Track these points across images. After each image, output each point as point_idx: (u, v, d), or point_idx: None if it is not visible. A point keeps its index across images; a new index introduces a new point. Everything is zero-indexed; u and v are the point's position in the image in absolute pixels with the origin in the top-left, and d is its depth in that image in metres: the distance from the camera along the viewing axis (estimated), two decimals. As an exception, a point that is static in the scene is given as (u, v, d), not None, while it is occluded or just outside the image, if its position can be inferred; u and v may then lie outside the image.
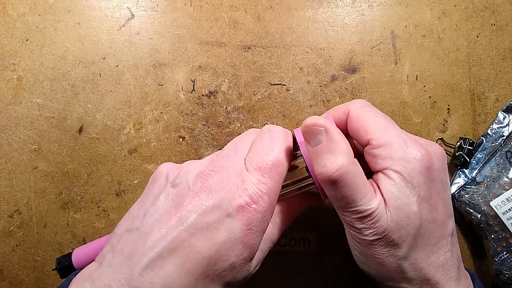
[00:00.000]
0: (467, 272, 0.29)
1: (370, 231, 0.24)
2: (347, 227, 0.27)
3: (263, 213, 0.24)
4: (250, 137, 0.28)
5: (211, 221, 0.23)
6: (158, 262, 0.22)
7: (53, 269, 0.32)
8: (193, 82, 0.40)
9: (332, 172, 0.23)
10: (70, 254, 0.31)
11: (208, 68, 0.40)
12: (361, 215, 0.24)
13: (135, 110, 0.40)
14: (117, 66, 0.40)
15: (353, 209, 0.24)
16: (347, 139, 0.25)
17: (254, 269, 0.26)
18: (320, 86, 0.40)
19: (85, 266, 0.26)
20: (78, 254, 0.30)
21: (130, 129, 0.40)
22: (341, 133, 0.25)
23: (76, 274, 0.25)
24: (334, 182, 0.24)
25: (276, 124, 0.40)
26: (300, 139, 0.27)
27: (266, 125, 0.29)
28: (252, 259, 0.25)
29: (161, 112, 0.40)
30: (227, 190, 0.24)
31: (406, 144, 0.25)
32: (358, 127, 0.26)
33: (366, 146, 0.26)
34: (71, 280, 0.24)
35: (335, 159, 0.23)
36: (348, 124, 0.27)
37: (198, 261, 0.22)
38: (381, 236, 0.24)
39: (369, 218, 0.24)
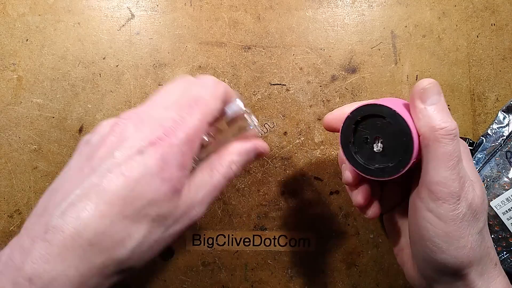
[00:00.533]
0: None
1: (464, 202, 0.25)
2: (432, 210, 0.26)
3: (179, 147, 0.23)
4: (177, 87, 0.27)
5: (124, 161, 0.23)
6: (70, 211, 0.22)
7: None
8: None
9: (455, 126, 0.25)
10: None
11: (208, 68, 0.40)
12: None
13: None
14: (117, 66, 0.40)
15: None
16: None
17: (194, 210, 0.25)
18: (320, 86, 0.40)
19: None
20: None
21: None
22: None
23: None
24: (455, 137, 0.25)
25: (276, 125, 0.40)
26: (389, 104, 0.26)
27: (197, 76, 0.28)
28: (177, 194, 0.24)
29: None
30: (141, 130, 0.24)
31: None
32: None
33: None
34: None
35: (451, 117, 0.26)
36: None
37: (112, 202, 0.22)
38: (470, 206, 0.26)
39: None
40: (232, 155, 0.28)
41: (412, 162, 0.26)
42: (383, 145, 0.27)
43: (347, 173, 0.30)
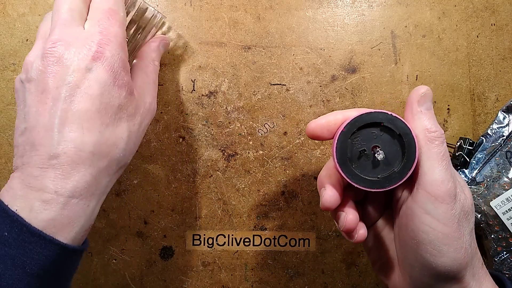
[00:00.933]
0: None
1: (458, 202, 0.26)
2: (430, 212, 0.26)
3: (118, 54, 0.27)
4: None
5: (79, 82, 0.26)
6: (62, 137, 0.26)
7: None
8: (193, 82, 0.40)
9: (443, 132, 0.27)
10: None
11: (208, 68, 0.40)
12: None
13: None
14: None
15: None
16: None
17: (151, 104, 0.32)
18: (320, 86, 0.40)
19: None
20: None
21: None
22: None
23: None
24: (444, 141, 0.27)
25: (276, 125, 0.40)
26: None
27: None
28: (132, 94, 0.29)
29: (161, 112, 0.40)
30: (77, 51, 0.27)
31: None
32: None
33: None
34: None
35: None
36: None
37: (91, 118, 0.26)
38: (462, 207, 0.27)
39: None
40: (151, 53, 0.34)
41: (417, 161, 0.26)
42: (384, 152, 0.27)
43: (330, 194, 0.28)
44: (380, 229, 0.33)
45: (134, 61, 0.35)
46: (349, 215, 0.29)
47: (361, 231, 0.29)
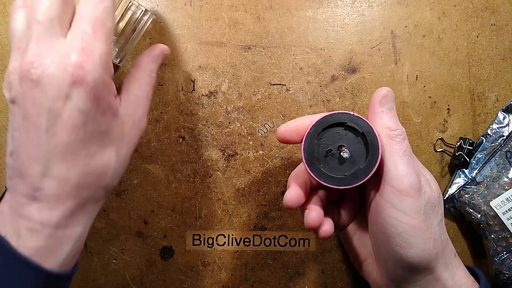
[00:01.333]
0: None
1: (423, 195, 0.28)
2: (396, 206, 0.28)
3: (100, 75, 0.24)
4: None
5: (60, 110, 0.24)
6: (47, 172, 0.25)
7: None
8: (193, 82, 0.40)
9: (404, 130, 0.29)
10: None
11: (208, 68, 0.40)
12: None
13: None
14: (117, 66, 0.40)
15: None
16: None
17: (141, 122, 0.30)
18: (320, 86, 0.40)
19: None
20: None
21: None
22: None
23: None
24: (404, 138, 0.28)
25: (276, 125, 0.40)
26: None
27: None
28: (117, 115, 0.27)
29: (161, 112, 0.40)
30: (55, 73, 0.23)
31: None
32: None
33: None
34: None
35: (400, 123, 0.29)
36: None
37: (75, 150, 0.25)
38: (428, 199, 0.28)
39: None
40: (149, 64, 0.32)
41: (381, 158, 0.28)
42: (349, 151, 0.28)
43: (292, 193, 0.30)
44: (357, 227, 0.34)
45: (130, 68, 0.33)
46: (312, 213, 0.30)
47: (326, 227, 0.30)
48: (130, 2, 0.36)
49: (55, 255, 0.26)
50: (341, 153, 0.28)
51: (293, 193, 0.30)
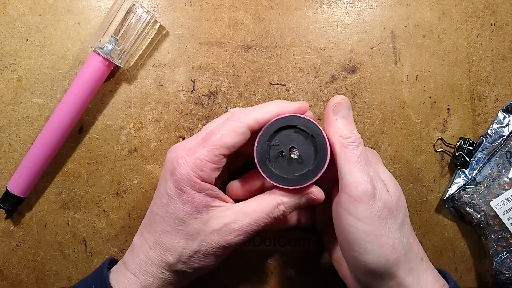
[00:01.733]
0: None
1: (379, 201, 0.28)
2: (352, 213, 0.28)
3: (188, 173, 0.29)
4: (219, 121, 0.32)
5: (160, 190, 0.31)
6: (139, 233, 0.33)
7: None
8: (193, 82, 0.40)
9: (359, 137, 0.29)
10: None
11: (208, 68, 0.40)
12: None
13: (135, 110, 0.40)
14: (117, 66, 0.40)
15: None
16: None
17: (230, 234, 0.30)
18: (320, 86, 0.40)
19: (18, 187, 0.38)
20: (11, 183, 0.38)
21: (130, 129, 0.40)
22: None
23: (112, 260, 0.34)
24: (359, 145, 0.29)
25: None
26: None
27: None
28: (200, 212, 0.30)
29: (161, 112, 0.40)
30: (168, 164, 0.31)
31: None
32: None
33: None
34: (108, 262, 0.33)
35: (356, 130, 0.30)
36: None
37: (156, 221, 0.31)
38: (385, 205, 0.28)
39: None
40: (280, 196, 0.30)
41: (329, 161, 0.29)
42: (299, 152, 0.29)
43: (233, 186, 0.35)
44: (333, 232, 0.34)
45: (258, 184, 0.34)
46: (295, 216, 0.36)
47: (314, 189, 0.32)
48: (133, 3, 0.36)
49: None
50: (292, 155, 0.30)
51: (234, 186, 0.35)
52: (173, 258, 0.30)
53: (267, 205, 0.30)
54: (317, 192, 0.31)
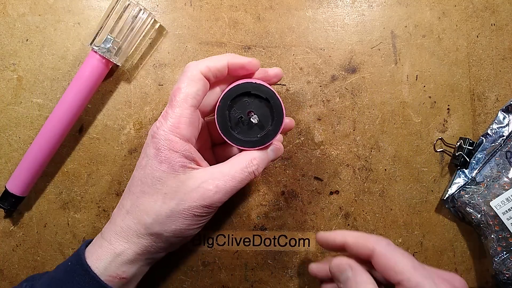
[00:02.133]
0: None
1: None
2: None
3: (167, 136, 0.30)
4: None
5: (142, 153, 0.32)
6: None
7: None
8: None
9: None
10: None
11: (208, 68, 0.40)
12: None
13: (135, 110, 0.40)
14: (117, 66, 0.40)
15: None
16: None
17: (208, 190, 0.30)
18: (320, 86, 0.40)
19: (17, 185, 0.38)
20: (10, 182, 0.38)
21: (130, 129, 0.40)
22: (363, 268, 0.30)
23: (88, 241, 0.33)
24: None
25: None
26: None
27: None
28: (175, 171, 0.30)
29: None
30: (153, 130, 0.31)
31: (436, 285, 0.28)
32: (386, 266, 0.29)
33: (396, 286, 0.28)
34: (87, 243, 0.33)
35: None
36: (375, 261, 0.30)
37: (135, 184, 0.31)
38: None
39: None
40: (253, 159, 0.32)
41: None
42: (257, 116, 0.31)
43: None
44: None
45: (235, 150, 0.36)
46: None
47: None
48: (129, 2, 0.36)
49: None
50: (251, 119, 0.31)
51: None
52: (150, 218, 0.30)
53: (242, 160, 0.32)
54: (279, 144, 0.34)
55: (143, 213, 0.30)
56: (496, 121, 0.39)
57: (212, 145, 0.38)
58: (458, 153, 0.39)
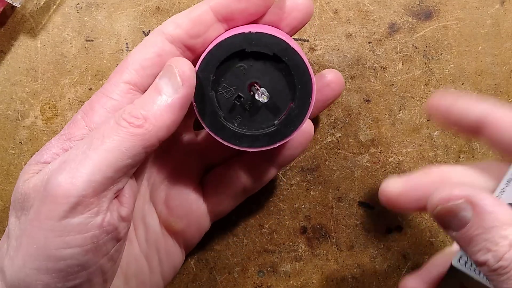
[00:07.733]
0: None
1: None
2: None
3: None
4: None
5: None
6: None
7: None
8: (146, 35, 0.34)
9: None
10: None
11: (170, 11, 0.32)
12: None
13: (45, 85, 0.31)
14: (13, 7, 0.30)
15: None
16: None
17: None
18: (370, 42, 0.29)
19: None
20: None
21: (36, 117, 0.31)
22: (493, 198, 0.21)
23: None
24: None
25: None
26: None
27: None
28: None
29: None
30: None
31: None
32: None
33: None
34: None
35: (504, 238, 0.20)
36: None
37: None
38: None
39: None
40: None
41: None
42: (265, 88, 0.22)
43: None
44: None
45: None
46: None
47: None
48: None
49: None
50: (257, 96, 0.22)
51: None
52: None
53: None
54: (309, 126, 0.26)
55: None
56: None
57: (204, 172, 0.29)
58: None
